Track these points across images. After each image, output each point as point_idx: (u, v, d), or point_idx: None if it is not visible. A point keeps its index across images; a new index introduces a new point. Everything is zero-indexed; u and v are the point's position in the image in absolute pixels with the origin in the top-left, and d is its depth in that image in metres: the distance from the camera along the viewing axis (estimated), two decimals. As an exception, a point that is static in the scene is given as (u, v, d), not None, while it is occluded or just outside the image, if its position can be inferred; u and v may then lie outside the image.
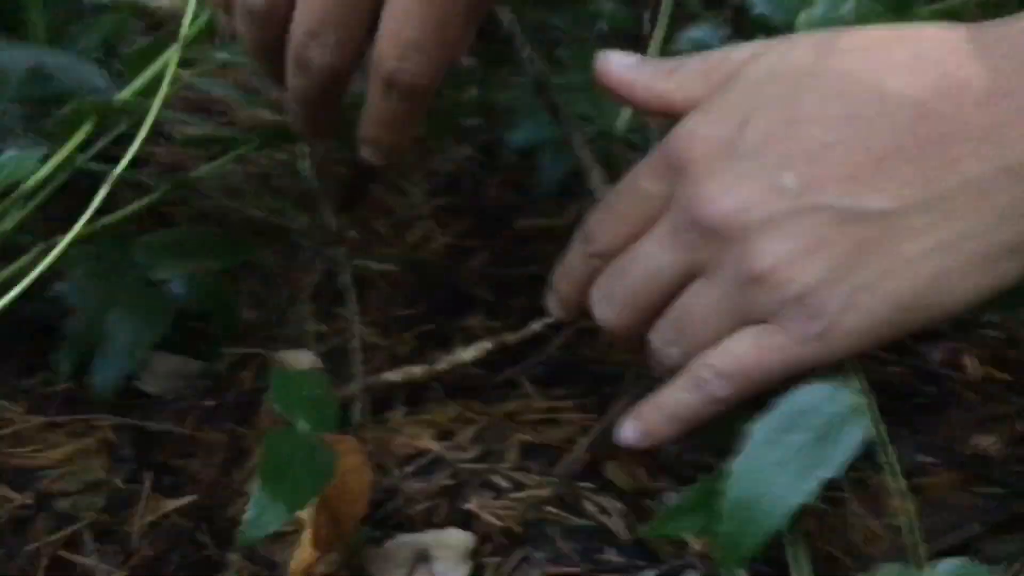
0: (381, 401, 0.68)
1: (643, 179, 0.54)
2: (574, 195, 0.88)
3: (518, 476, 0.64)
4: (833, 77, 0.50)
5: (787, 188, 0.49)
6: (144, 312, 0.67)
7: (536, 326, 0.70)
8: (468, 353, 0.69)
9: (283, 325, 0.74)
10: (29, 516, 0.60)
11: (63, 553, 0.58)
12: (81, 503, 0.61)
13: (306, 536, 0.51)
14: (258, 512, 0.44)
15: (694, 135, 0.51)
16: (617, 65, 0.57)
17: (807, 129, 0.50)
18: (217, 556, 0.59)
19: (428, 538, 0.60)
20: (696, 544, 0.59)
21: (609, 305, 0.56)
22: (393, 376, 0.67)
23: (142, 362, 0.68)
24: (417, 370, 0.68)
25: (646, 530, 0.57)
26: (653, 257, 0.53)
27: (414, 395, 0.69)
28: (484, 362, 0.71)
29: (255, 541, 0.45)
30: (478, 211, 0.88)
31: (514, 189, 0.91)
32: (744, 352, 0.51)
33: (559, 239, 0.83)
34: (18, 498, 0.61)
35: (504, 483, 0.64)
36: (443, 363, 0.68)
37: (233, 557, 0.59)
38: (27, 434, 0.65)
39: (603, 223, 0.57)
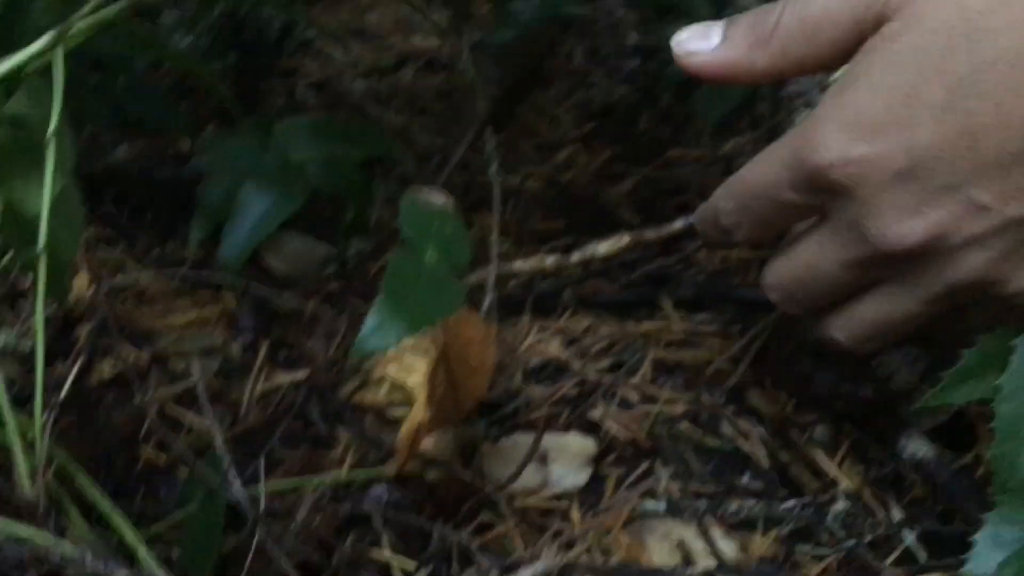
0: (511, 307, 0.64)
1: (786, 191, 0.47)
2: (731, 132, 0.83)
3: (650, 390, 0.58)
4: (1000, 71, 0.41)
5: (982, 205, 0.43)
6: (278, 187, 0.65)
7: (679, 224, 0.64)
8: (603, 247, 0.63)
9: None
10: (144, 372, 0.58)
11: (171, 407, 0.56)
12: (196, 365, 0.59)
13: (420, 398, 0.48)
14: (376, 325, 0.40)
15: (848, 157, 0.44)
16: (697, 50, 0.49)
17: (988, 138, 0.42)
18: (325, 432, 0.56)
19: (547, 440, 0.56)
20: (844, 479, 0.53)
21: (776, 290, 0.51)
22: (523, 265, 0.62)
23: (271, 239, 0.66)
24: (549, 260, 0.63)
25: (927, 398, 0.45)
26: (825, 270, 0.48)
27: (545, 304, 0.65)
28: (624, 283, 0.67)
29: (367, 354, 0.42)
30: (629, 140, 0.83)
31: (669, 123, 0.86)
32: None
33: (712, 170, 0.79)
34: (135, 354, 0.59)
35: (634, 395, 0.59)
36: (576, 256, 0.63)
37: (342, 435, 0.56)
38: (153, 298, 0.63)
39: (742, 222, 0.51)
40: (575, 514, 0.52)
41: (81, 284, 0.63)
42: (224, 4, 0.85)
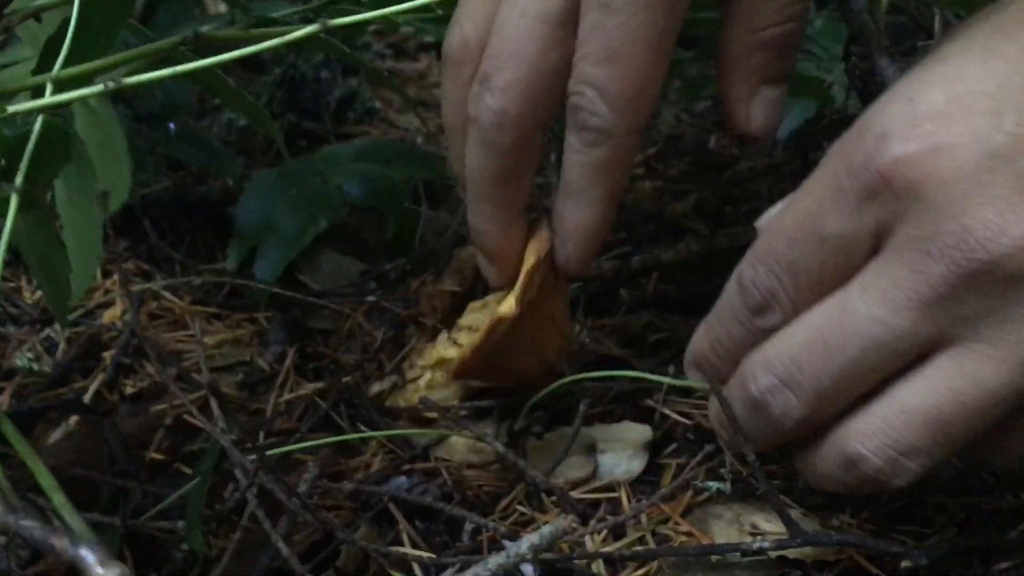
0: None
1: (831, 220, 0.37)
2: (800, 145, 0.78)
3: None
4: None
5: None
6: (313, 202, 0.63)
7: (754, 234, 0.58)
8: (668, 254, 0.58)
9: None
10: (165, 387, 0.55)
11: (188, 416, 0.52)
12: (220, 378, 0.55)
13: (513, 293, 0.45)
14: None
15: (917, 149, 0.35)
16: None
17: None
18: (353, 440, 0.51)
19: (597, 431, 0.49)
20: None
21: (796, 392, 0.38)
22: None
23: (308, 257, 0.63)
24: (607, 265, 0.57)
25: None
26: (879, 324, 0.36)
27: (600, 303, 0.59)
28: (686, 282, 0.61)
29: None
30: (696, 161, 0.78)
31: (735, 143, 0.81)
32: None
33: (784, 180, 0.73)
34: (159, 372, 0.56)
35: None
36: (636, 261, 0.58)
37: (372, 440, 0.51)
38: (186, 322, 0.60)
39: (776, 286, 0.39)
40: (626, 502, 0.45)
41: (114, 313, 0.61)
42: (283, 68, 0.86)
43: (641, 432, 0.48)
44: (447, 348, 0.51)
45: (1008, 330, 0.34)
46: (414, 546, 0.44)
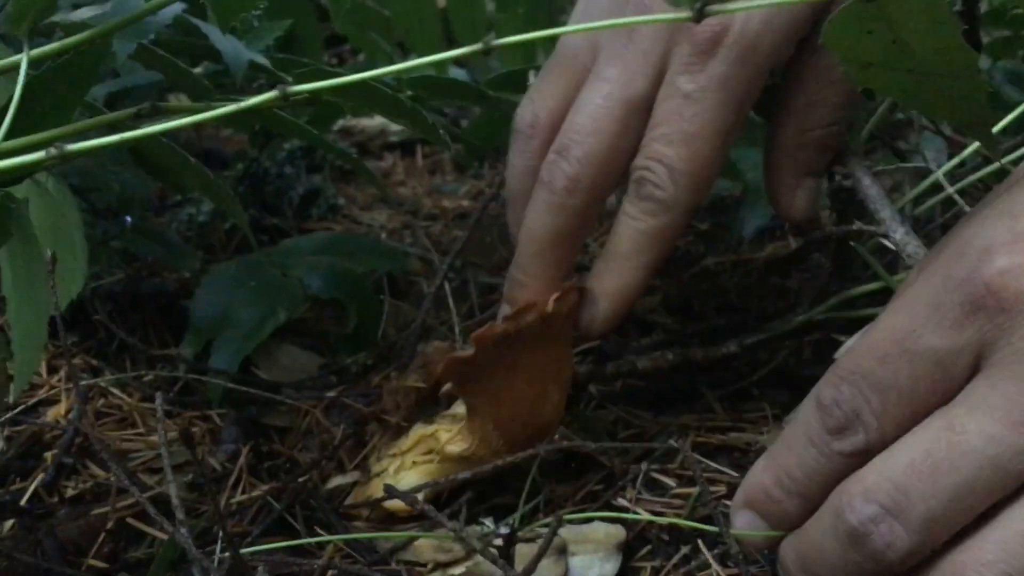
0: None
1: (930, 336, 0.36)
2: (767, 241, 0.78)
3: (688, 474, 0.49)
4: None
5: None
6: (272, 294, 0.61)
7: (733, 347, 0.57)
8: (643, 362, 0.57)
9: (429, 341, 0.65)
10: (108, 489, 0.51)
11: (131, 520, 0.49)
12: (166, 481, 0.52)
13: None
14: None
15: (1008, 268, 0.35)
16: None
17: None
18: (309, 545, 0.48)
19: (566, 531, 0.46)
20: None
21: (903, 521, 0.35)
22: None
23: (265, 351, 0.60)
24: (581, 368, 0.56)
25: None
26: (993, 443, 0.34)
27: (568, 398, 0.57)
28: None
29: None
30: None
31: (702, 239, 0.81)
32: None
33: (751, 275, 0.72)
34: (103, 476, 0.53)
35: (670, 481, 0.50)
36: (611, 367, 0.56)
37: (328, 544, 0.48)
38: (135, 420, 0.58)
39: (862, 404, 0.37)
40: (600, 609, 0.42)
41: (58, 411, 0.58)
42: (246, 164, 0.85)
43: (614, 532, 0.46)
44: (426, 428, 0.49)
45: None
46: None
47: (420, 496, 0.47)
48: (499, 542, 0.45)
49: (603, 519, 0.46)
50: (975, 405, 0.35)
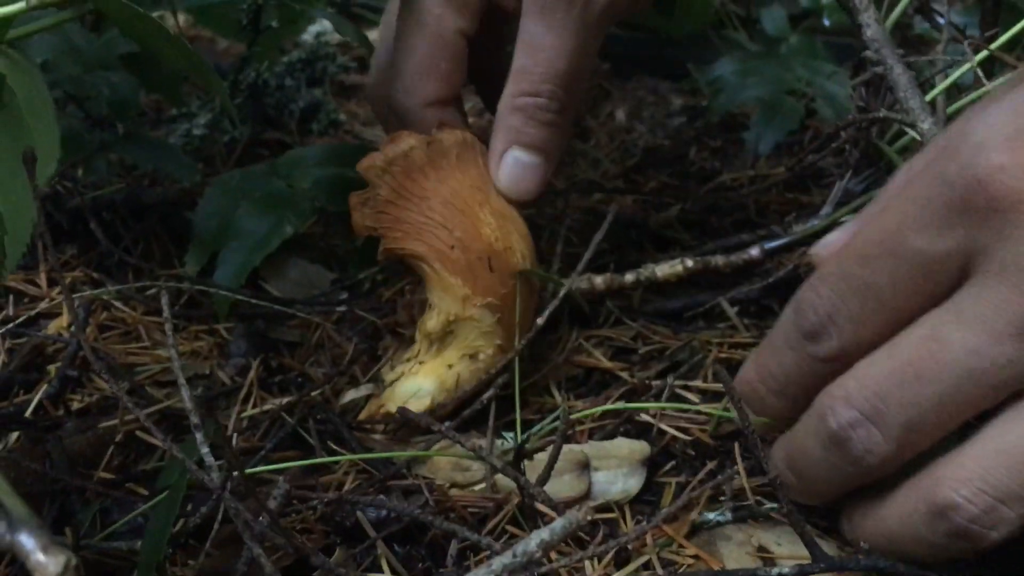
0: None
1: (916, 238, 0.34)
2: (785, 156, 0.76)
3: (713, 388, 0.48)
4: None
5: None
6: (279, 206, 0.59)
7: (755, 252, 0.55)
8: (661, 269, 0.55)
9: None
10: (116, 403, 0.50)
11: (140, 434, 0.47)
12: (175, 394, 0.50)
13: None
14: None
15: (1009, 168, 0.32)
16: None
17: None
18: (322, 454, 0.47)
19: (588, 447, 0.45)
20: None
21: (881, 427, 0.35)
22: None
23: (273, 265, 0.58)
24: (598, 280, 0.54)
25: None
26: (976, 355, 0.33)
27: (586, 315, 0.56)
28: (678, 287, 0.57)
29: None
30: (674, 173, 0.75)
31: (718, 156, 0.79)
32: None
33: (770, 191, 0.70)
34: (108, 389, 0.51)
35: (694, 397, 0.48)
36: (630, 276, 0.54)
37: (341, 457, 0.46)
38: (140, 334, 0.56)
39: (840, 307, 0.36)
40: (626, 524, 0.41)
41: (59, 323, 0.56)
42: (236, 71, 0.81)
43: (637, 448, 0.45)
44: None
45: None
46: (393, 572, 0.40)
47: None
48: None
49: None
50: (961, 314, 0.33)
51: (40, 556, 0.22)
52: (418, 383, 0.47)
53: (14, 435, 0.47)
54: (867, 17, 0.49)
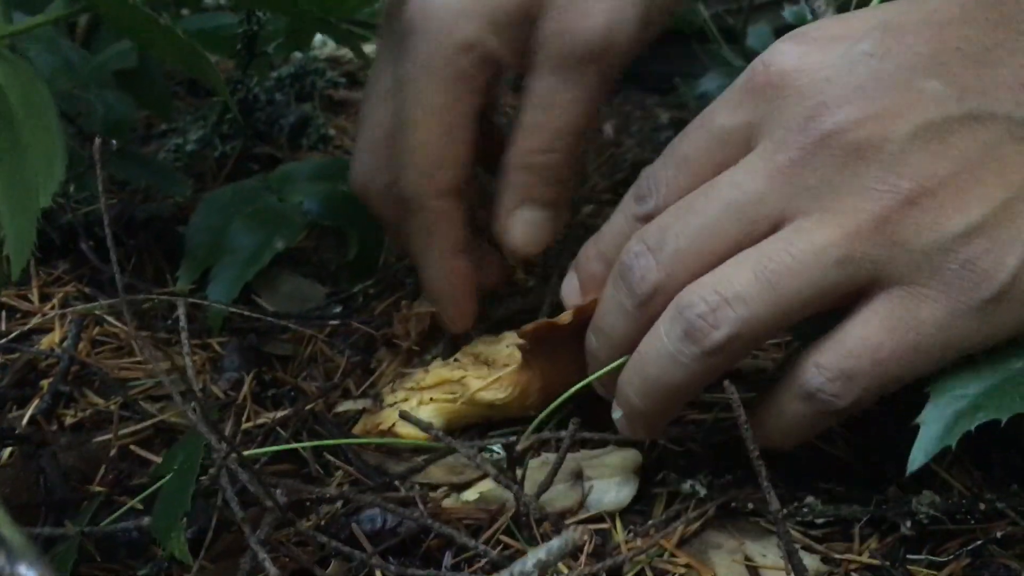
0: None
1: (719, 114, 0.40)
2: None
3: (704, 397, 0.49)
4: None
5: (943, 93, 0.36)
6: (270, 220, 0.59)
7: None
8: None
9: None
10: (109, 417, 0.50)
11: (135, 448, 0.48)
12: (169, 408, 0.51)
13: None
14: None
15: (789, 53, 0.39)
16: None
17: (957, 30, 0.37)
18: (316, 471, 0.47)
19: (581, 456, 0.46)
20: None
21: (656, 255, 0.39)
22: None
23: (266, 279, 0.59)
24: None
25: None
26: (737, 188, 0.38)
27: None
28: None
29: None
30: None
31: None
32: (871, 337, 0.36)
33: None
34: (102, 404, 0.51)
35: (685, 408, 0.49)
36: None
37: (337, 472, 0.47)
38: (133, 349, 0.56)
39: (661, 174, 0.42)
40: (619, 533, 0.42)
41: (52, 339, 0.56)
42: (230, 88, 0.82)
43: (630, 457, 0.45)
44: (453, 370, 0.47)
45: (843, 200, 0.36)
46: (389, 585, 0.40)
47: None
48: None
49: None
50: (738, 166, 0.39)
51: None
52: (425, 415, 0.47)
53: (7, 450, 0.47)
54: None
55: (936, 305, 0.36)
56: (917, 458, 0.36)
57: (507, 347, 0.48)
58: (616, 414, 0.42)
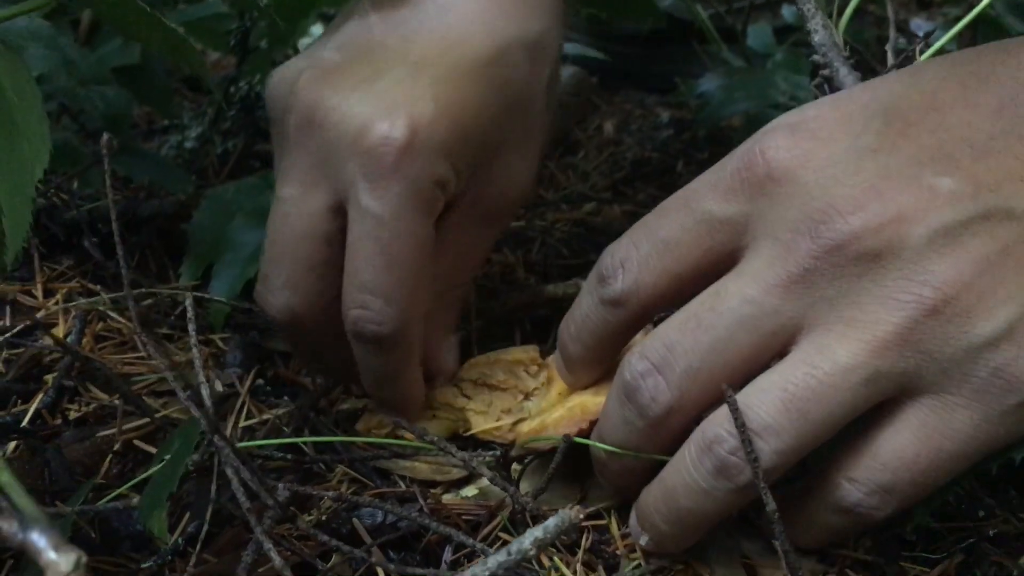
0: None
1: (706, 199, 0.38)
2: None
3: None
4: (965, 73, 0.38)
5: (958, 191, 0.35)
6: (272, 218, 0.59)
7: None
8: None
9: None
10: (113, 412, 0.51)
11: (138, 443, 0.48)
12: (172, 403, 0.51)
13: None
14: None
15: (788, 146, 0.37)
16: None
17: (960, 116, 0.36)
18: (318, 466, 0.47)
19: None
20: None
21: (666, 375, 0.38)
22: (555, 289, 0.55)
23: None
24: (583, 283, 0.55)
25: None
26: (749, 302, 0.37)
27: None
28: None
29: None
30: (661, 185, 0.77)
31: (704, 168, 0.80)
32: (906, 449, 0.36)
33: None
34: (105, 399, 0.52)
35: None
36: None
37: (338, 468, 0.47)
38: (136, 344, 0.56)
39: (632, 253, 0.40)
40: (615, 529, 0.42)
41: (56, 333, 0.57)
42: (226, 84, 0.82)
43: (628, 456, 0.46)
44: (456, 397, 0.48)
45: (864, 310, 0.35)
46: (389, 578, 0.40)
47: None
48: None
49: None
50: (740, 271, 0.37)
51: (52, 554, 0.23)
52: (429, 429, 0.47)
53: (12, 444, 0.47)
54: (815, 23, 0.50)
55: (968, 412, 0.35)
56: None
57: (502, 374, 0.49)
58: (642, 540, 0.40)
